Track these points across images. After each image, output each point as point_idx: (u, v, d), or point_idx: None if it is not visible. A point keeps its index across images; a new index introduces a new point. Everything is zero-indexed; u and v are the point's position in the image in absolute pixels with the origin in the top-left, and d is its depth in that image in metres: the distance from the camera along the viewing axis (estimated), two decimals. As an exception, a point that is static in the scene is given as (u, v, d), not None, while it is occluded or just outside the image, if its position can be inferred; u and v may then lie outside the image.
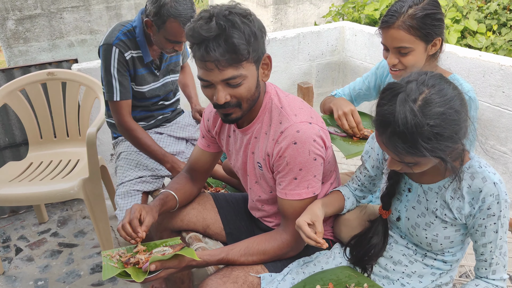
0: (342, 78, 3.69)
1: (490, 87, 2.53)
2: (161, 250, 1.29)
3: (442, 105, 1.03)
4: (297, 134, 1.27)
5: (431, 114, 1.02)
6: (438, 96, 1.04)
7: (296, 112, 1.32)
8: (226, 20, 1.18)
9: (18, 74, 2.70)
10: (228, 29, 1.17)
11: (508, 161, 2.57)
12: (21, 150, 2.88)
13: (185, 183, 1.62)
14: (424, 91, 1.04)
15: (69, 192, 2.21)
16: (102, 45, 1.94)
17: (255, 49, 1.23)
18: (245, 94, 1.26)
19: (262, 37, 1.26)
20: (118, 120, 1.98)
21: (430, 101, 1.03)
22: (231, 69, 1.21)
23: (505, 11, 3.71)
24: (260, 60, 1.28)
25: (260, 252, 1.36)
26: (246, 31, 1.19)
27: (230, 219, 1.68)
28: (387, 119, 1.05)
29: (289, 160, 1.28)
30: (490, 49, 3.48)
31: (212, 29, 1.16)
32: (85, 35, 4.26)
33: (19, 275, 2.44)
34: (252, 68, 1.25)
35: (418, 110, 1.02)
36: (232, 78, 1.22)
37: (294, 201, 1.32)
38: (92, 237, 2.71)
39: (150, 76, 2.06)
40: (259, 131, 1.38)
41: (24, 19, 3.97)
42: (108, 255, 1.30)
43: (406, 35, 1.45)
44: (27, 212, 2.98)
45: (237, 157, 1.51)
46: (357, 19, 4.12)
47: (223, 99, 1.25)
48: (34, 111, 2.63)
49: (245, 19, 1.20)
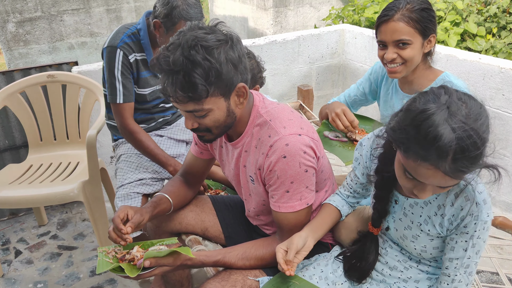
0: (342, 80, 3.69)
1: (490, 90, 2.54)
2: (157, 249, 1.29)
3: (484, 116, 0.98)
4: (286, 147, 1.25)
5: (482, 129, 0.96)
6: (475, 107, 0.98)
7: (285, 124, 1.30)
8: (188, 55, 1.13)
9: (18, 76, 2.70)
10: (187, 66, 1.14)
11: (508, 163, 2.57)
12: (21, 153, 2.88)
13: (179, 186, 1.61)
14: (462, 107, 0.96)
15: (69, 195, 2.21)
16: (106, 47, 1.94)
17: (219, 85, 1.19)
18: (212, 124, 1.26)
19: (233, 69, 1.20)
20: (121, 123, 1.98)
21: (474, 115, 0.96)
22: (191, 104, 1.19)
23: (504, 14, 3.72)
24: (230, 92, 1.23)
25: (257, 258, 1.36)
26: (206, 69, 1.14)
27: (228, 222, 1.68)
28: (443, 148, 0.94)
29: (280, 174, 1.27)
30: (489, 52, 3.49)
31: (173, 63, 1.14)
32: (85, 38, 4.27)
33: (18, 277, 2.43)
34: (218, 101, 1.22)
35: (471, 128, 0.94)
36: (194, 111, 1.22)
37: (288, 213, 1.32)
38: (92, 240, 2.71)
39: (153, 79, 2.06)
40: (249, 145, 1.36)
41: (25, 21, 3.97)
42: (104, 251, 1.32)
43: (406, 27, 1.49)
44: (27, 215, 2.97)
45: (229, 168, 1.50)
46: (357, 22, 4.13)
47: (190, 126, 1.27)
48: (34, 113, 2.63)
49: (209, 54, 1.15)
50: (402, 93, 1.70)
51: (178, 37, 1.18)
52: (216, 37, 1.18)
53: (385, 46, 1.56)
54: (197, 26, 1.21)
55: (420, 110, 0.97)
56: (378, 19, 1.56)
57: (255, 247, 1.37)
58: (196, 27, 1.20)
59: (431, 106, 0.96)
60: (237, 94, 1.26)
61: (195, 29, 1.20)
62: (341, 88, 3.72)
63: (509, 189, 2.60)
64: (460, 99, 0.97)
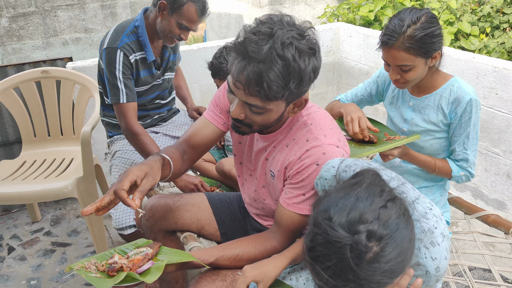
0: (337, 78, 3.70)
1: (484, 89, 2.56)
2: (139, 252, 1.25)
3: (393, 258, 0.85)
4: (323, 156, 1.23)
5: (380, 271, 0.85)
6: (391, 248, 0.85)
7: (326, 132, 1.26)
8: (280, 50, 1.05)
9: (12, 72, 2.68)
10: (274, 59, 1.05)
11: (501, 162, 2.59)
12: (14, 149, 2.86)
13: (179, 156, 1.46)
14: (373, 248, 0.84)
15: (63, 191, 2.20)
16: (106, 48, 1.92)
17: (293, 92, 1.12)
18: (260, 122, 1.21)
19: (310, 80, 1.14)
20: (125, 124, 1.93)
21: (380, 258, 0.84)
22: (257, 99, 1.12)
23: (498, 13, 3.74)
24: (294, 100, 1.19)
25: (249, 259, 1.36)
26: (293, 74, 1.07)
27: (225, 219, 1.68)
28: None
29: (306, 178, 1.25)
30: (483, 51, 3.52)
31: (260, 52, 1.05)
32: (79, 34, 4.24)
33: (11, 274, 2.42)
34: (281, 104, 1.17)
35: None
36: (255, 106, 1.14)
37: (294, 214, 1.30)
38: (86, 237, 2.70)
39: (151, 77, 2.06)
40: (280, 142, 1.34)
41: (18, 16, 3.94)
42: (81, 267, 1.16)
43: (407, 55, 1.46)
44: (20, 211, 2.96)
45: (248, 155, 1.47)
46: (352, 20, 4.14)
47: (237, 115, 1.19)
48: (28, 109, 2.61)
49: (300, 58, 1.07)
50: (409, 95, 1.69)
51: (268, 26, 1.08)
52: (308, 44, 1.11)
53: (389, 64, 1.54)
54: (292, 23, 1.12)
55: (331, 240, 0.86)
56: (380, 40, 1.51)
57: (248, 248, 1.36)
58: (291, 24, 1.11)
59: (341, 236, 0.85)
60: (298, 103, 1.21)
61: (291, 25, 1.11)
62: (336, 86, 3.73)
63: (502, 187, 2.63)
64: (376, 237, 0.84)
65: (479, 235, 1.82)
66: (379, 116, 3.33)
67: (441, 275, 0.97)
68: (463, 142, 1.61)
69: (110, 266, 1.16)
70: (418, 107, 1.67)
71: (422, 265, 0.95)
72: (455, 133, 1.62)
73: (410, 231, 0.89)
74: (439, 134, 1.66)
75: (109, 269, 1.15)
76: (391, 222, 0.86)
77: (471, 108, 1.55)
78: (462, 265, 1.66)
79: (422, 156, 1.66)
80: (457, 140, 1.62)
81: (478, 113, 1.58)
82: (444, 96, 1.60)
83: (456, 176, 1.67)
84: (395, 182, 1.05)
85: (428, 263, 0.95)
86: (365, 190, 0.90)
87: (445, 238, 0.97)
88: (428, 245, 0.95)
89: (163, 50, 2.10)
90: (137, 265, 1.19)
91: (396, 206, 0.89)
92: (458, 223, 2.58)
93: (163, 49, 2.10)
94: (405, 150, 1.61)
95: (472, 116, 1.56)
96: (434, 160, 1.67)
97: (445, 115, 1.61)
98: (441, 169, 1.67)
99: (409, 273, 0.93)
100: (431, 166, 1.67)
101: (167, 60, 2.13)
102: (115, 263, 1.17)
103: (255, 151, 1.42)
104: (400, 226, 0.87)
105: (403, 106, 1.72)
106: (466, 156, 1.63)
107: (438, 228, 0.97)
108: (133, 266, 1.18)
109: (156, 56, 2.05)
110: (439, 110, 1.62)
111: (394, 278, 0.88)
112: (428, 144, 1.68)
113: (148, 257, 1.23)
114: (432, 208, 1.02)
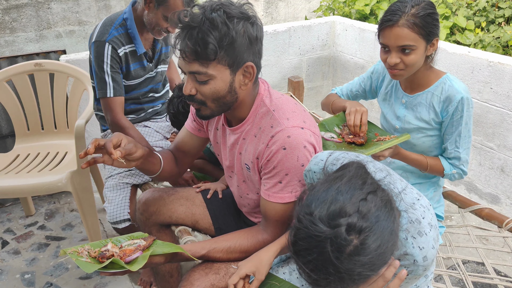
0: (332, 72, 3.70)
1: (478, 83, 2.56)
2: (132, 243, 1.26)
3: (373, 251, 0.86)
4: (288, 139, 1.25)
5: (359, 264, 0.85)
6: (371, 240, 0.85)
7: (288, 116, 1.29)
8: (209, 15, 1.16)
9: (4, 64, 2.65)
10: (205, 24, 1.15)
11: (495, 156, 2.60)
12: (7, 142, 2.84)
13: (171, 158, 1.56)
14: (353, 241, 0.84)
15: (56, 185, 2.19)
16: (94, 41, 1.90)
17: (229, 54, 1.19)
18: (210, 94, 1.24)
19: (247, 44, 1.21)
20: (111, 118, 1.93)
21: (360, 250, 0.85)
22: (197, 64, 1.19)
23: (493, 8, 3.74)
24: (238, 67, 1.22)
25: (241, 251, 1.37)
26: (222, 32, 1.16)
27: (219, 214, 1.68)
28: None
29: (277, 164, 1.27)
30: (478, 45, 3.52)
31: (191, 19, 1.16)
32: (73, 26, 4.20)
33: (5, 268, 2.41)
34: (224, 71, 1.21)
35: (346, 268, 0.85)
36: (197, 73, 1.21)
37: (276, 204, 1.32)
38: (80, 230, 2.69)
39: (143, 70, 2.05)
40: (248, 133, 1.36)
41: (11, 8, 3.89)
42: (74, 252, 1.20)
43: (411, 33, 1.46)
44: (14, 205, 2.94)
45: (224, 152, 1.49)
46: (347, 14, 4.13)
47: (188, 91, 1.25)
48: (21, 102, 2.59)
49: (229, 21, 1.17)
50: (402, 92, 1.69)
51: (205, 3, 1.20)
52: (240, 11, 1.20)
53: (388, 49, 1.53)
54: (227, 2, 1.22)
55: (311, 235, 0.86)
56: (381, 22, 1.52)
57: (240, 240, 1.37)
58: (225, 0, 1.22)
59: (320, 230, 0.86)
60: (244, 72, 1.25)
61: (224, 1, 1.21)
62: (331, 80, 3.73)
63: (495, 181, 2.65)
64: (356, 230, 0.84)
65: (472, 229, 1.83)
66: (374, 110, 3.33)
67: (428, 264, 0.97)
68: (455, 140, 1.61)
69: (101, 253, 1.19)
70: (410, 105, 1.67)
71: (410, 255, 0.96)
72: (447, 132, 1.62)
73: (391, 223, 0.89)
74: (431, 132, 1.65)
75: (100, 256, 1.18)
76: (371, 215, 0.86)
77: (463, 106, 1.55)
78: (455, 258, 1.67)
79: (414, 155, 1.66)
80: (449, 139, 1.62)
81: (470, 112, 1.57)
82: (436, 95, 1.59)
83: (448, 174, 1.67)
84: (382, 173, 1.05)
85: (416, 252, 0.95)
86: (346, 183, 0.90)
87: (432, 228, 0.98)
88: (415, 235, 0.96)
89: (155, 42, 2.08)
90: (128, 254, 1.20)
91: (377, 198, 0.89)
92: (452, 216, 2.59)
93: (155, 41, 2.08)
94: (396, 150, 1.60)
95: (464, 115, 1.56)
96: (426, 158, 1.67)
97: (436, 113, 1.61)
98: (433, 168, 1.67)
99: (395, 264, 0.93)
100: (423, 164, 1.67)
101: (159, 52, 2.11)
102: (107, 251, 1.20)
103: (228, 146, 1.44)
104: (381, 218, 0.87)
105: (396, 103, 1.72)
106: (458, 155, 1.63)
107: (426, 218, 0.98)
108: (123, 255, 1.20)
109: (147, 48, 2.03)
110: (431, 108, 1.61)
111: (375, 270, 0.88)
112: (420, 141, 1.68)
113: (140, 248, 1.24)
114: (419, 198, 1.02)
